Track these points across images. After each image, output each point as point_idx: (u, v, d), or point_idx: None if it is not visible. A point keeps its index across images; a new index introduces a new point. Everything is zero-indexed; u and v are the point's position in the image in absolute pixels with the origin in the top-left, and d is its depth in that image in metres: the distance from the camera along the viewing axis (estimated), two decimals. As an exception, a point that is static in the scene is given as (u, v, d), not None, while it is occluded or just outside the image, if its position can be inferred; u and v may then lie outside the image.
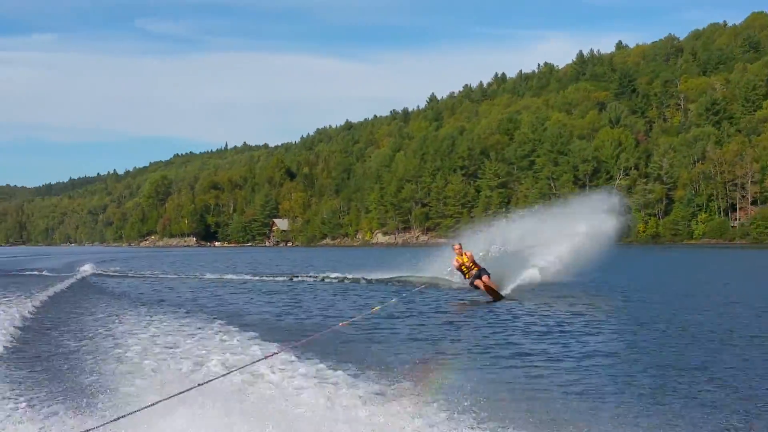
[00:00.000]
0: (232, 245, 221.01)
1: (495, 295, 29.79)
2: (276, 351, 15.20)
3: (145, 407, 9.59)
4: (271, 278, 46.17)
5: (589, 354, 17.06)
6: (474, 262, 30.85)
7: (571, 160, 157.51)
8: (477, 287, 30.30)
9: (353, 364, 14.95)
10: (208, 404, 10.61)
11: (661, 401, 12.58)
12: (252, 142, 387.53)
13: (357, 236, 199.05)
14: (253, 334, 19.35)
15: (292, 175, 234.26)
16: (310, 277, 45.66)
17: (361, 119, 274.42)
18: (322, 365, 14.72)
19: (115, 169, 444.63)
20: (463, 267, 30.98)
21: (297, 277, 46.29)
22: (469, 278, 30.68)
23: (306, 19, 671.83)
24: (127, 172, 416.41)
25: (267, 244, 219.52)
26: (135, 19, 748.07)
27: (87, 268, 55.70)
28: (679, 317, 23.50)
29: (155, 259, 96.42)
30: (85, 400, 12.17)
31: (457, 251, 31.19)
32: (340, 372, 14.20)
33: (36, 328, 21.98)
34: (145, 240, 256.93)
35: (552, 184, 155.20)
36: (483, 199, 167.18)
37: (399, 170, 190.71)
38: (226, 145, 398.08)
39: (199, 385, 10.53)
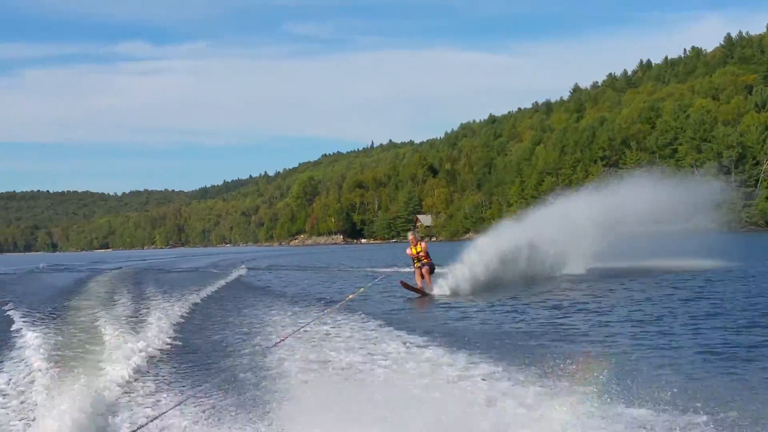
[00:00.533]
0: (378, 242, 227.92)
1: (415, 290, 30.43)
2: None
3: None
4: None
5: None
6: (426, 255, 31.17)
7: (714, 147, 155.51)
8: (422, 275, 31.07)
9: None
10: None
11: None
12: (397, 140, 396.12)
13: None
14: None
15: (434, 172, 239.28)
16: None
17: (505, 112, 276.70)
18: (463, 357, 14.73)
19: (265, 171, 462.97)
20: (414, 258, 31.48)
21: None
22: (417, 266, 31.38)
23: (447, 14, 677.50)
24: (277, 173, 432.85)
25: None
26: (281, 24, 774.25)
27: (242, 268, 60.21)
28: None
29: (306, 256, 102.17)
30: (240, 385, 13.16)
31: (411, 242, 31.70)
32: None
33: (197, 323, 22.96)
34: (295, 239, 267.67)
35: (695, 172, 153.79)
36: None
37: (539, 163, 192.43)
38: (372, 143, 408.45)
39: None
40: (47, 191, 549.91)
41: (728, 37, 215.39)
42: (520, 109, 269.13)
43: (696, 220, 41.51)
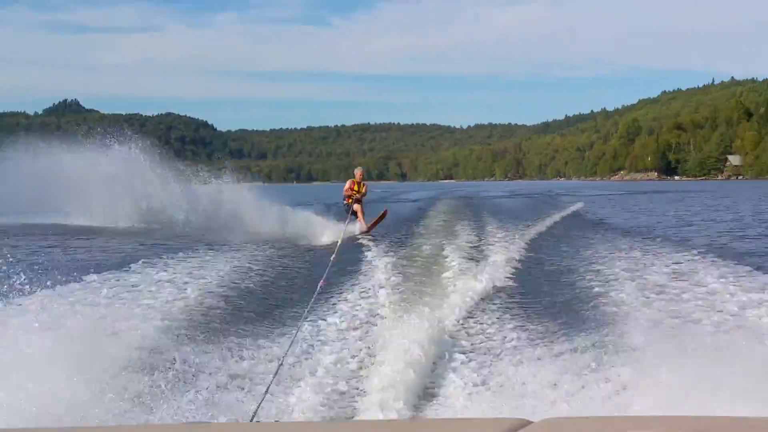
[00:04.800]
0: (689, 179, 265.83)
1: (363, 221, 30.60)
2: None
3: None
4: None
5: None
6: (360, 200, 30.95)
7: None
8: (354, 213, 30.43)
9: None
10: None
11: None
12: (740, 76, 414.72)
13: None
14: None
15: (750, 115, 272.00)
16: None
17: None
18: None
19: (604, 107, 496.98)
20: (352, 195, 30.89)
21: None
22: (350, 203, 30.93)
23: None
24: (615, 110, 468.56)
25: (719, 177, 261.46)
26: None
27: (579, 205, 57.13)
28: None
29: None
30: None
31: (358, 177, 31.19)
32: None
33: (538, 256, 23.05)
34: (615, 175, 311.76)
35: None
36: None
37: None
38: (713, 80, 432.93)
39: None
40: (398, 123, 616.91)
41: None
42: None
43: None
